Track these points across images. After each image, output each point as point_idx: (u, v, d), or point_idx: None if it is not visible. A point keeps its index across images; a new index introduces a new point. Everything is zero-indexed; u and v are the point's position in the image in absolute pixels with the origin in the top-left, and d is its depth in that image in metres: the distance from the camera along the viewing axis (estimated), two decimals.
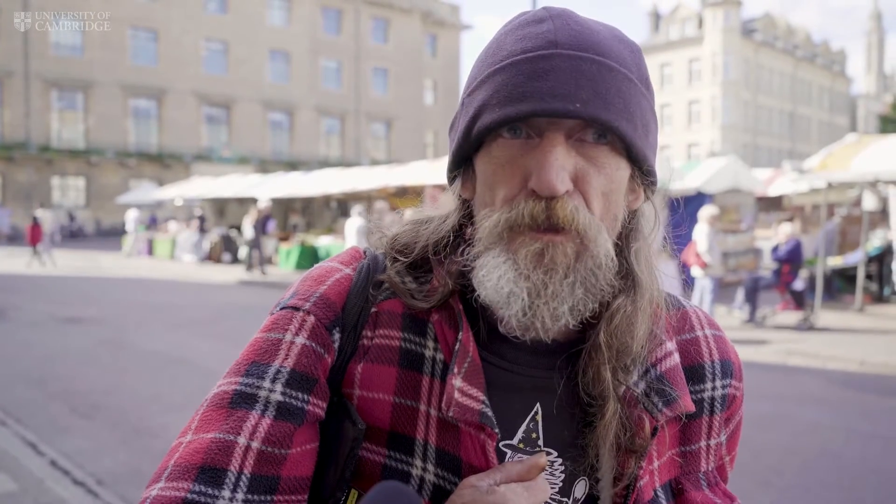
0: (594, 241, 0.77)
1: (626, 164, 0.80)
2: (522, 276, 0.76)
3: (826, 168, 11.50)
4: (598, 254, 0.77)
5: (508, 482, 0.75)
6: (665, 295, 0.92)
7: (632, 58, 0.80)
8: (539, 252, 0.76)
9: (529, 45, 0.77)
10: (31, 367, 7.99)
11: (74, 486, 4.64)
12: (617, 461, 0.83)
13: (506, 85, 0.76)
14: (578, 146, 0.77)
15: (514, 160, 0.78)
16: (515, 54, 0.77)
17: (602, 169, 0.77)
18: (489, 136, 0.79)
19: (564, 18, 0.79)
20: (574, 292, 0.77)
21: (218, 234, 23.10)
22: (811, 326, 10.69)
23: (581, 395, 0.83)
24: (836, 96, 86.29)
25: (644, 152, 0.79)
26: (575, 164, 0.76)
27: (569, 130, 0.76)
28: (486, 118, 0.78)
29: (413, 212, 0.97)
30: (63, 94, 40.30)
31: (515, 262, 0.77)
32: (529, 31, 0.78)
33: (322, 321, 0.84)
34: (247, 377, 0.81)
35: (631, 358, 0.83)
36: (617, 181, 0.79)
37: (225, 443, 0.76)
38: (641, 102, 0.79)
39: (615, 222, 0.81)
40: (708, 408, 0.91)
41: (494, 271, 0.78)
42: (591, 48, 0.76)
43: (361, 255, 0.92)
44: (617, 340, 0.82)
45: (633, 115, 0.77)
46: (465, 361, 0.80)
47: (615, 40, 0.79)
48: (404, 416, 0.82)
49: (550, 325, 0.77)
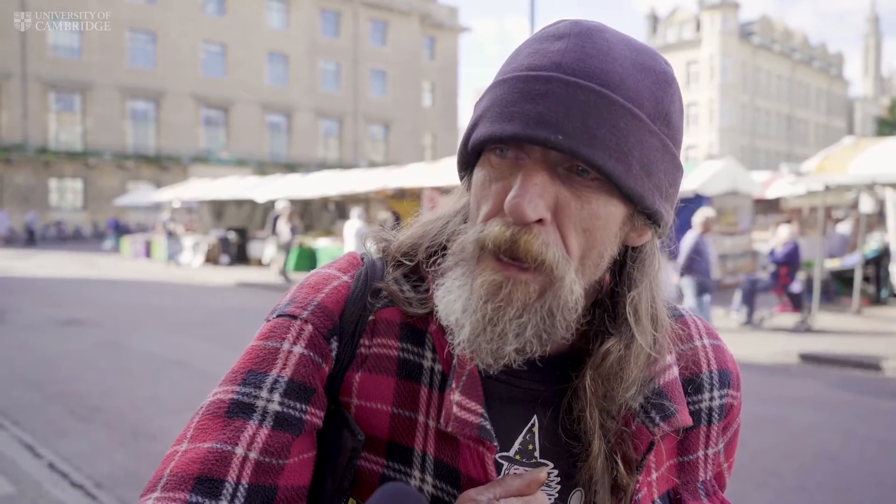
0: (561, 279, 0.73)
1: (619, 201, 0.75)
2: (471, 308, 0.74)
3: (823, 171, 11.53)
4: (561, 294, 0.73)
5: (508, 497, 0.75)
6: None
7: (651, 90, 0.74)
8: (497, 285, 0.73)
9: (536, 62, 0.74)
10: (29, 369, 7.98)
11: (72, 489, 4.64)
12: (613, 474, 0.83)
13: (501, 100, 0.74)
14: (565, 176, 0.73)
15: (501, 177, 0.75)
16: (521, 69, 0.75)
17: (586, 204, 0.73)
18: (485, 147, 0.77)
19: (584, 38, 0.74)
20: (524, 333, 0.74)
21: (216, 236, 23.08)
22: (808, 329, 10.71)
23: (560, 434, 0.82)
24: (833, 99, 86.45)
25: (639, 192, 0.74)
26: (556, 195, 0.73)
27: (556, 158, 0.73)
28: (479, 131, 0.76)
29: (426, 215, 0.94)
30: (61, 95, 40.29)
31: (471, 289, 0.75)
32: (543, 47, 0.75)
33: (320, 330, 0.83)
34: (244, 386, 0.80)
35: (618, 405, 0.81)
36: (603, 218, 0.74)
37: (222, 453, 0.75)
38: (646, 140, 0.73)
39: (600, 260, 0.77)
40: (706, 418, 0.91)
41: (449, 294, 0.77)
42: (596, 77, 0.71)
43: (359, 262, 0.91)
44: (603, 386, 0.80)
45: (626, 153, 0.72)
46: (463, 374, 0.79)
47: (637, 69, 0.74)
48: (403, 426, 0.81)
49: (492, 363, 0.75)
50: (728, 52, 64.74)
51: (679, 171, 0.81)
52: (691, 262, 8.84)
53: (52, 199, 40.54)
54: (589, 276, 0.78)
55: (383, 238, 0.93)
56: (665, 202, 0.79)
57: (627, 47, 0.76)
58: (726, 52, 64.63)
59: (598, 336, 0.82)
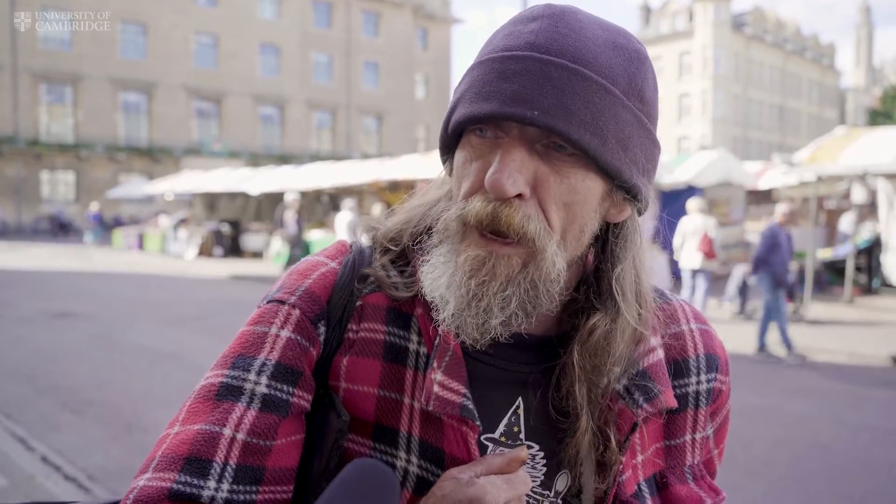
0: (542, 251, 0.75)
1: (597, 176, 0.77)
2: (455, 283, 0.76)
3: (815, 161, 11.56)
4: (544, 266, 0.75)
5: (489, 474, 0.76)
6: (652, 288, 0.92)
7: (624, 67, 0.76)
8: (481, 260, 0.75)
9: (510, 42, 0.76)
10: (21, 362, 7.95)
11: (65, 482, 4.63)
12: (599, 450, 0.84)
13: (478, 81, 0.76)
14: (543, 152, 0.75)
15: (481, 156, 0.77)
16: (496, 51, 0.76)
17: (564, 178, 0.75)
18: (465, 129, 0.79)
19: (556, 19, 0.76)
20: (509, 306, 0.75)
21: (209, 228, 23.02)
22: (801, 318, 10.76)
23: (548, 413, 0.83)
24: (825, 90, 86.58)
25: (616, 167, 0.75)
26: (535, 170, 0.75)
27: (534, 135, 0.74)
28: (458, 112, 0.78)
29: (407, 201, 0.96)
30: (52, 87, 40.01)
31: (455, 264, 0.77)
32: (517, 28, 0.77)
33: (307, 315, 0.84)
34: (233, 370, 0.81)
35: (605, 379, 0.82)
36: (582, 192, 0.76)
37: (211, 434, 0.77)
38: (620, 115, 0.75)
39: (581, 234, 0.79)
40: (693, 402, 0.91)
41: (434, 270, 0.79)
42: (569, 54, 0.73)
43: (347, 249, 0.92)
44: (591, 361, 0.81)
45: (601, 128, 0.73)
46: (446, 355, 0.80)
47: (609, 47, 0.76)
48: (389, 408, 0.83)
49: (478, 337, 0.77)
50: (721, 42, 64.72)
51: (656, 147, 0.82)
52: (767, 255, 8.54)
53: (43, 192, 40.32)
54: (571, 251, 0.79)
55: (372, 226, 0.94)
56: (643, 177, 0.80)
57: (600, 27, 0.78)
58: (719, 43, 64.62)
59: (584, 313, 0.83)
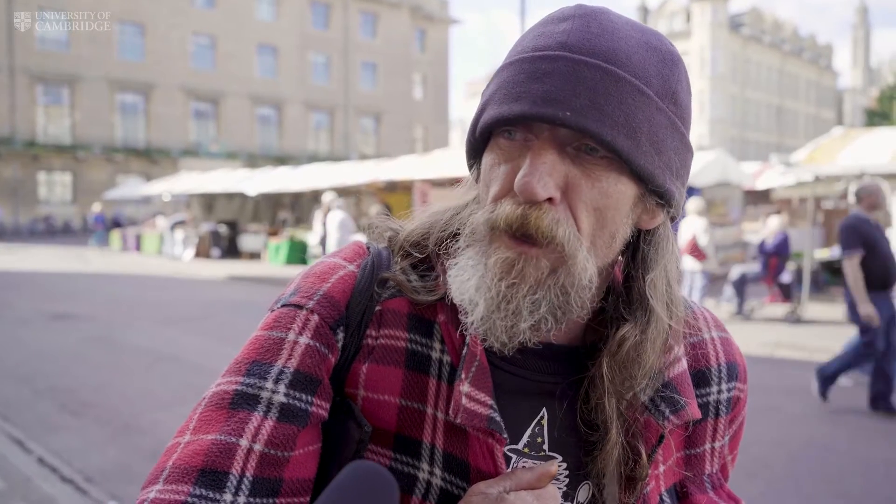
0: (573, 257, 0.73)
1: (630, 180, 0.74)
2: (485, 285, 0.74)
3: (813, 161, 11.56)
4: (574, 271, 0.73)
5: (518, 490, 0.74)
6: None
7: (657, 69, 0.74)
8: (510, 262, 0.73)
9: (541, 43, 0.74)
10: (19, 364, 7.94)
11: (62, 484, 4.62)
12: (628, 465, 0.82)
13: (508, 82, 0.74)
14: (574, 155, 0.73)
15: (510, 159, 0.75)
16: (526, 51, 0.75)
17: (596, 182, 0.73)
18: (494, 131, 0.77)
19: (588, 19, 0.74)
20: (538, 310, 0.74)
21: (206, 229, 22.99)
22: (798, 319, 10.77)
23: (577, 424, 0.82)
24: (822, 90, 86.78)
25: (649, 170, 0.73)
26: (566, 173, 0.73)
27: (565, 137, 0.72)
28: (487, 114, 0.76)
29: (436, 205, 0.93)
30: (49, 88, 39.92)
31: (485, 267, 0.75)
32: (548, 29, 0.75)
33: (326, 320, 0.81)
34: (248, 377, 0.78)
35: (633, 392, 0.81)
36: (614, 197, 0.74)
37: (226, 445, 0.74)
38: (654, 117, 0.73)
39: (612, 240, 0.77)
40: (713, 411, 0.90)
41: (463, 273, 0.77)
42: (602, 54, 0.71)
43: (365, 252, 0.88)
44: (620, 373, 0.79)
45: (635, 129, 0.71)
46: (473, 365, 0.78)
47: (643, 48, 0.74)
48: (411, 418, 0.80)
49: (507, 341, 0.75)
50: (718, 43, 64.84)
51: (689, 151, 0.80)
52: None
53: (40, 193, 40.24)
54: (601, 257, 0.77)
55: (389, 228, 0.92)
56: (676, 181, 0.78)
57: (632, 28, 0.76)
58: (716, 44, 64.73)
59: (613, 323, 0.81)
